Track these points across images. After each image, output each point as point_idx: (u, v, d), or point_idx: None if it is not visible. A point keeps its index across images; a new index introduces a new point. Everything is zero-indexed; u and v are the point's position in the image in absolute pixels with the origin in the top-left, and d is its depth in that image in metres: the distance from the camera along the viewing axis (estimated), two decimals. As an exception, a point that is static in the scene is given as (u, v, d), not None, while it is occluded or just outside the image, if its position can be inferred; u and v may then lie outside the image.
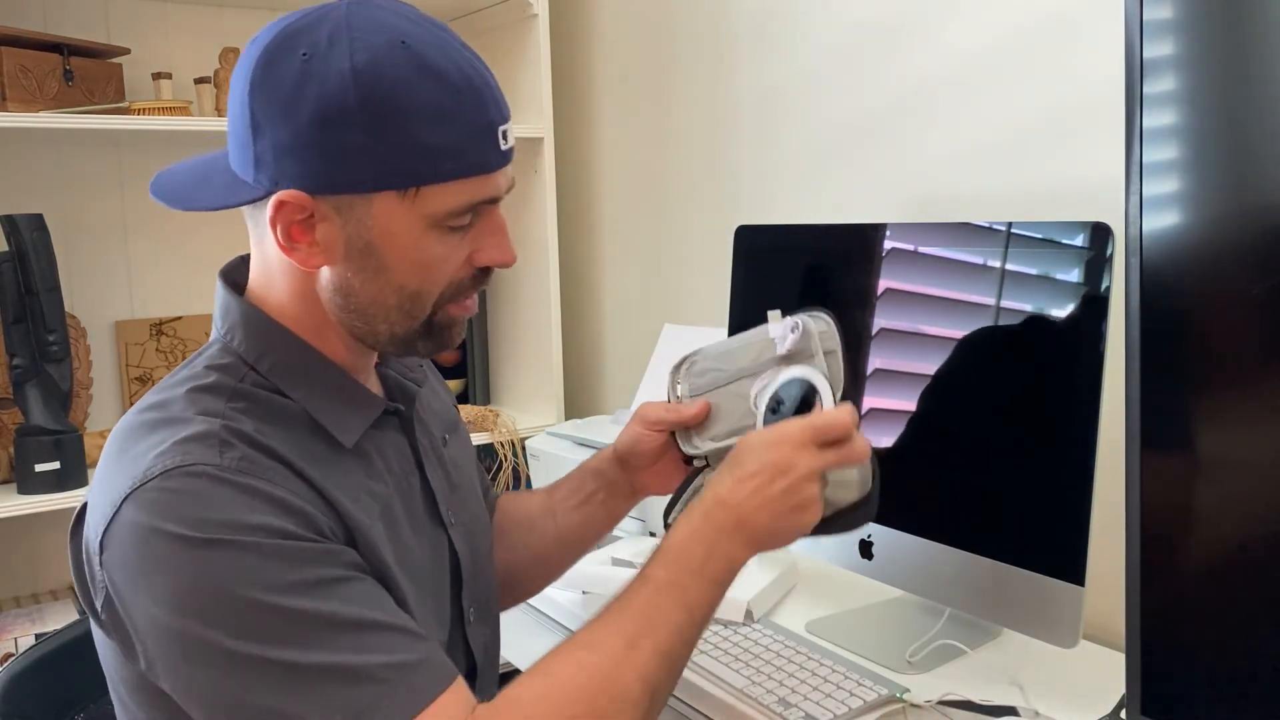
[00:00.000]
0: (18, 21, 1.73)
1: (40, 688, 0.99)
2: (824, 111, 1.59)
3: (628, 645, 0.80)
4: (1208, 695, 0.78)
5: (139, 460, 0.77)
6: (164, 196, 0.88)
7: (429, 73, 0.78)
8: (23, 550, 1.88)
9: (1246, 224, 0.73)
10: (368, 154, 0.78)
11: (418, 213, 0.81)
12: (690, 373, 1.06)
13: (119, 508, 0.76)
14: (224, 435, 0.79)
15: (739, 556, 0.86)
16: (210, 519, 0.74)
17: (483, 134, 0.81)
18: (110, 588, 0.77)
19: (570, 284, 2.14)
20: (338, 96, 0.77)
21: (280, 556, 0.74)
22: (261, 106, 0.79)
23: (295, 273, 0.85)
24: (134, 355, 1.96)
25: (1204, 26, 0.74)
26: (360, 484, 0.86)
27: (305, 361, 0.86)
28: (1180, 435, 0.78)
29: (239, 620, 0.73)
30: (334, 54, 0.78)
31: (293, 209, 0.80)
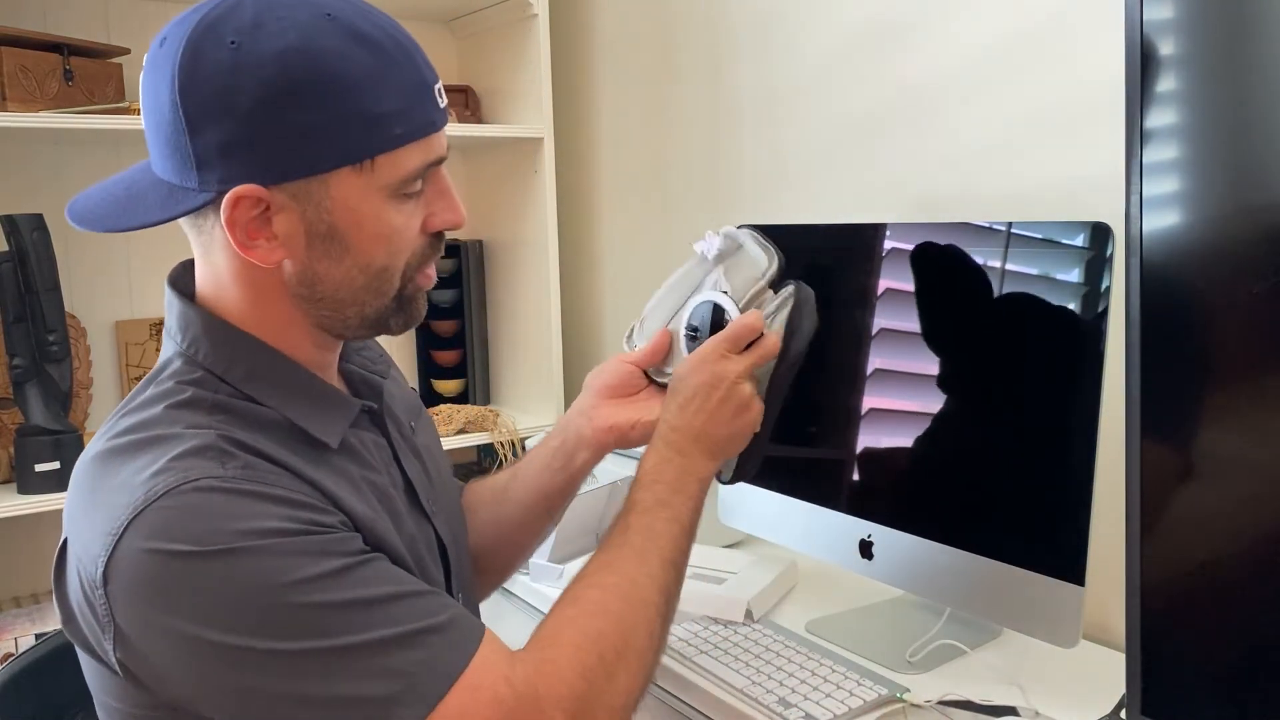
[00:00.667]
0: (18, 21, 1.73)
1: (40, 688, 0.99)
2: (824, 111, 1.59)
3: (638, 559, 0.87)
4: (1208, 695, 0.78)
5: (132, 484, 0.74)
6: (87, 221, 0.83)
7: (361, 41, 0.77)
8: (23, 550, 1.88)
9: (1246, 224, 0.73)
10: (318, 133, 0.76)
11: (375, 184, 0.80)
12: (641, 329, 1.11)
13: (121, 536, 0.72)
14: (221, 445, 0.77)
15: (706, 468, 0.95)
16: (224, 529, 0.72)
17: (422, 94, 0.81)
18: (122, 623, 0.74)
19: (570, 284, 2.14)
20: (277, 78, 0.74)
21: (299, 552, 0.74)
22: (195, 104, 0.76)
23: (250, 275, 0.82)
24: (134, 355, 1.96)
25: (1204, 26, 0.74)
26: (358, 476, 0.86)
27: (274, 368, 0.84)
28: (1180, 435, 0.78)
29: (275, 621, 0.72)
30: (263, 36, 0.75)
31: (249, 204, 0.77)
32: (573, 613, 0.83)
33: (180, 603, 0.72)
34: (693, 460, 0.94)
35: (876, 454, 1.23)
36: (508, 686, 0.76)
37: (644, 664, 0.84)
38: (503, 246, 2.15)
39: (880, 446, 1.23)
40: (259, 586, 0.72)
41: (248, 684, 0.73)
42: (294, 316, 0.85)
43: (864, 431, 1.24)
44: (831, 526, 1.26)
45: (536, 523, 1.11)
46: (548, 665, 0.79)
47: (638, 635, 0.84)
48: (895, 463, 1.21)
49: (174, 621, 0.72)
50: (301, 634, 0.73)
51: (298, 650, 0.72)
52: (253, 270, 0.82)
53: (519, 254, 2.09)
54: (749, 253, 1.06)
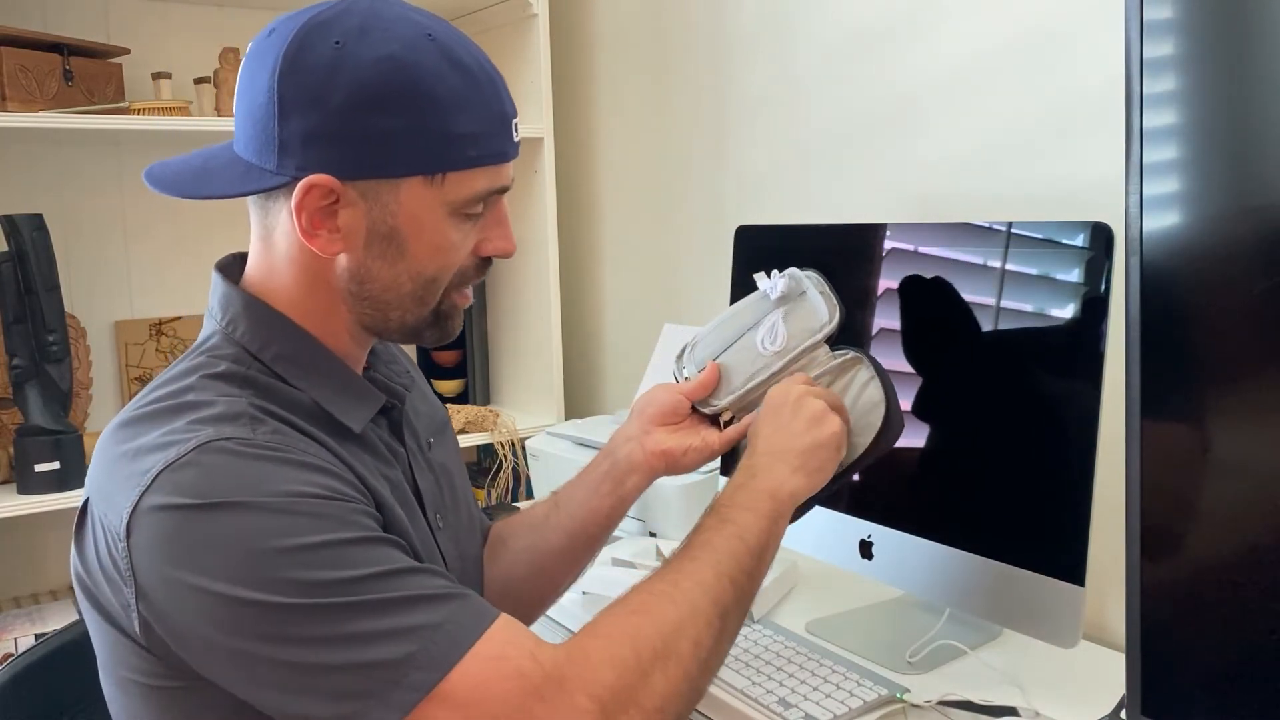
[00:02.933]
0: (18, 21, 1.73)
1: (40, 688, 0.99)
2: (824, 111, 1.59)
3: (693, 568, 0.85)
4: (1208, 695, 0.78)
5: (161, 442, 0.76)
6: (162, 185, 0.87)
7: (454, 64, 0.82)
8: (23, 550, 1.88)
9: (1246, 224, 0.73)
10: (399, 139, 0.80)
11: (442, 198, 0.83)
12: (692, 355, 1.11)
13: (146, 490, 0.74)
14: (253, 412, 0.79)
15: (787, 483, 0.93)
16: (246, 487, 0.74)
17: (500, 124, 0.85)
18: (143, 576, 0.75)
19: (570, 284, 2.14)
20: (372, 83, 0.79)
21: (320, 515, 0.75)
22: (290, 92, 0.80)
23: (305, 262, 0.86)
24: (134, 355, 1.96)
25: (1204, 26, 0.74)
26: (374, 467, 0.88)
27: (308, 352, 0.87)
28: (1180, 435, 0.78)
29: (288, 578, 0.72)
30: (367, 42, 0.80)
31: (320, 194, 0.81)
32: (614, 610, 0.82)
33: (198, 556, 0.73)
34: (769, 478, 0.92)
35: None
36: (533, 662, 0.75)
37: (685, 672, 0.80)
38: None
39: (880, 446, 1.23)
40: (275, 544, 0.73)
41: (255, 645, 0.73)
42: (338, 309, 0.88)
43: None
44: (831, 526, 1.26)
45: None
46: (577, 652, 0.78)
47: (681, 640, 0.80)
48: (895, 463, 1.21)
49: (190, 575, 0.73)
50: (314, 591, 0.72)
51: (309, 606, 0.72)
52: (309, 258, 0.85)
53: (519, 254, 2.08)
54: (810, 301, 1.06)
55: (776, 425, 0.95)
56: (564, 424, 1.87)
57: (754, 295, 1.10)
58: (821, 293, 1.05)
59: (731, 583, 0.85)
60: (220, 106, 1.89)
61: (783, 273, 1.07)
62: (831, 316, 1.04)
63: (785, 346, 1.06)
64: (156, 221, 1.98)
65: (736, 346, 1.08)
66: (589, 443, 1.68)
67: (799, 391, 0.97)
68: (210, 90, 1.89)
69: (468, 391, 2.20)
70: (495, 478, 2.02)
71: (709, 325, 1.12)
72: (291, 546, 0.73)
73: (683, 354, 1.12)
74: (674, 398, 1.08)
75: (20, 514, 1.59)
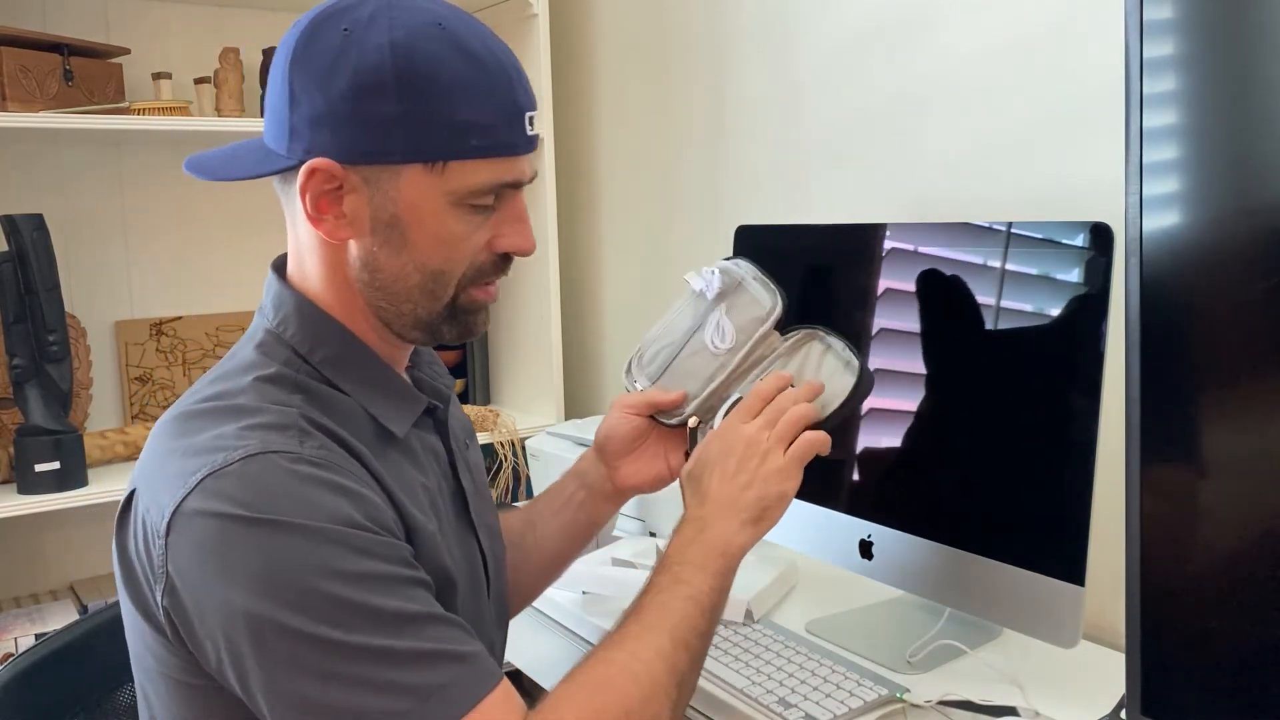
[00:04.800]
0: (18, 21, 1.73)
1: (40, 688, 0.99)
2: (824, 111, 1.59)
3: (647, 636, 0.84)
4: (1208, 695, 0.78)
5: (210, 445, 0.77)
6: (194, 168, 0.90)
7: (463, 52, 0.81)
8: (23, 550, 1.88)
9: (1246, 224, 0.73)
10: (400, 125, 0.80)
11: (443, 188, 0.83)
12: (641, 364, 1.10)
13: (190, 492, 0.75)
14: (302, 425, 0.80)
15: (737, 538, 0.91)
16: (286, 503, 0.74)
17: (510, 116, 0.84)
18: (175, 575, 0.76)
19: (570, 284, 2.14)
20: (374, 68, 0.79)
21: (351, 546, 0.75)
22: (300, 78, 0.82)
23: (324, 251, 0.87)
24: (134, 355, 1.96)
25: (1204, 26, 0.74)
26: (412, 478, 0.88)
27: (354, 355, 0.88)
28: (1180, 435, 0.78)
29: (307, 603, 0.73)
30: (374, 28, 0.80)
31: (323, 177, 0.82)
32: (575, 688, 0.81)
33: (230, 566, 0.73)
34: (718, 532, 0.91)
35: (876, 454, 1.23)
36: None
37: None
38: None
39: (880, 446, 1.23)
40: (302, 564, 0.73)
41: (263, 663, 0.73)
42: (359, 303, 0.88)
43: (864, 431, 1.24)
44: (831, 526, 1.26)
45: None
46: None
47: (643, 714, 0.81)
48: (895, 463, 1.21)
49: (219, 583, 0.74)
50: (329, 622, 0.73)
51: (323, 639, 0.73)
52: (323, 246, 0.87)
53: (519, 254, 2.09)
54: (750, 291, 1.05)
55: (724, 474, 0.93)
56: (564, 424, 1.87)
57: (688, 295, 1.10)
58: (758, 280, 1.04)
59: (686, 649, 0.85)
60: (220, 106, 1.89)
61: (714, 268, 1.06)
62: (775, 302, 1.04)
63: (737, 342, 1.05)
64: (156, 221, 1.98)
65: (687, 350, 1.08)
66: (589, 443, 1.68)
67: (745, 435, 0.94)
68: (210, 90, 1.89)
69: (468, 391, 2.20)
70: (495, 478, 2.02)
71: (651, 332, 1.12)
72: (323, 574, 0.73)
73: (631, 365, 1.12)
74: (631, 424, 1.09)
75: (20, 514, 1.59)
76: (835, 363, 1.01)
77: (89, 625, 1.02)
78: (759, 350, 1.05)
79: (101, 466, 1.75)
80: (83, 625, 1.03)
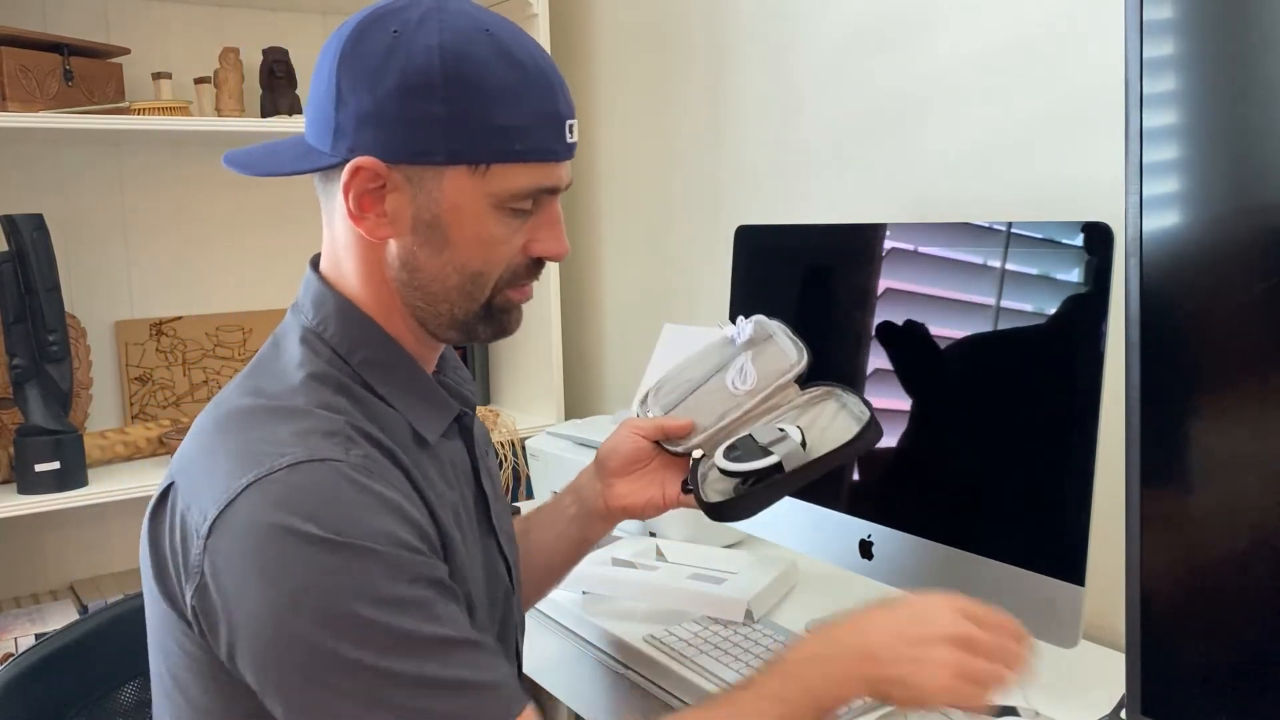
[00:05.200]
0: (18, 21, 1.73)
1: (40, 688, 0.99)
2: (824, 111, 1.59)
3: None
4: (1208, 695, 0.78)
5: (259, 450, 0.77)
6: (237, 165, 0.91)
7: (508, 59, 0.83)
8: (23, 550, 1.88)
9: (1246, 224, 0.73)
10: (446, 127, 0.81)
11: (485, 190, 0.84)
12: (658, 397, 1.12)
13: (237, 496, 0.75)
14: (349, 432, 0.80)
15: (852, 688, 0.82)
16: (337, 519, 0.74)
17: (552, 122, 0.85)
18: (210, 576, 0.76)
19: (570, 284, 2.14)
20: (422, 69, 0.80)
21: (392, 566, 0.75)
22: (347, 77, 0.82)
23: (362, 250, 0.87)
24: (134, 355, 1.96)
25: (1204, 26, 0.74)
26: (441, 488, 0.88)
27: (392, 358, 0.88)
28: (1180, 435, 0.78)
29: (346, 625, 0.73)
30: (423, 31, 0.82)
31: (367, 175, 0.82)
32: None
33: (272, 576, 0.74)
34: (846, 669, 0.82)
35: (876, 454, 1.23)
36: None
37: None
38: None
39: (880, 446, 1.23)
40: (340, 582, 0.74)
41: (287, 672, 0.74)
42: (395, 303, 0.88)
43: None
44: (831, 526, 1.26)
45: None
46: None
47: None
48: (895, 463, 1.21)
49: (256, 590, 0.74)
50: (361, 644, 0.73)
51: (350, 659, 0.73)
52: (363, 245, 0.87)
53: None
54: (778, 345, 1.07)
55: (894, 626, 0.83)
56: (564, 424, 1.87)
57: (717, 341, 1.12)
58: (789, 336, 1.07)
59: None
60: (220, 106, 1.89)
61: (751, 319, 1.09)
62: (800, 357, 1.06)
63: (756, 386, 1.08)
64: (156, 221, 1.98)
65: (706, 389, 1.09)
66: (589, 443, 1.68)
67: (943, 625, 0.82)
68: (210, 90, 1.89)
69: (468, 391, 2.21)
70: (495, 478, 2.03)
71: (672, 369, 1.14)
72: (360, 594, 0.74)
73: (647, 397, 1.13)
74: (637, 445, 1.10)
75: (20, 514, 1.59)
76: (848, 420, 1.04)
77: (89, 625, 1.03)
78: (776, 398, 1.07)
79: (101, 466, 1.75)
80: (83, 625, 1.03)
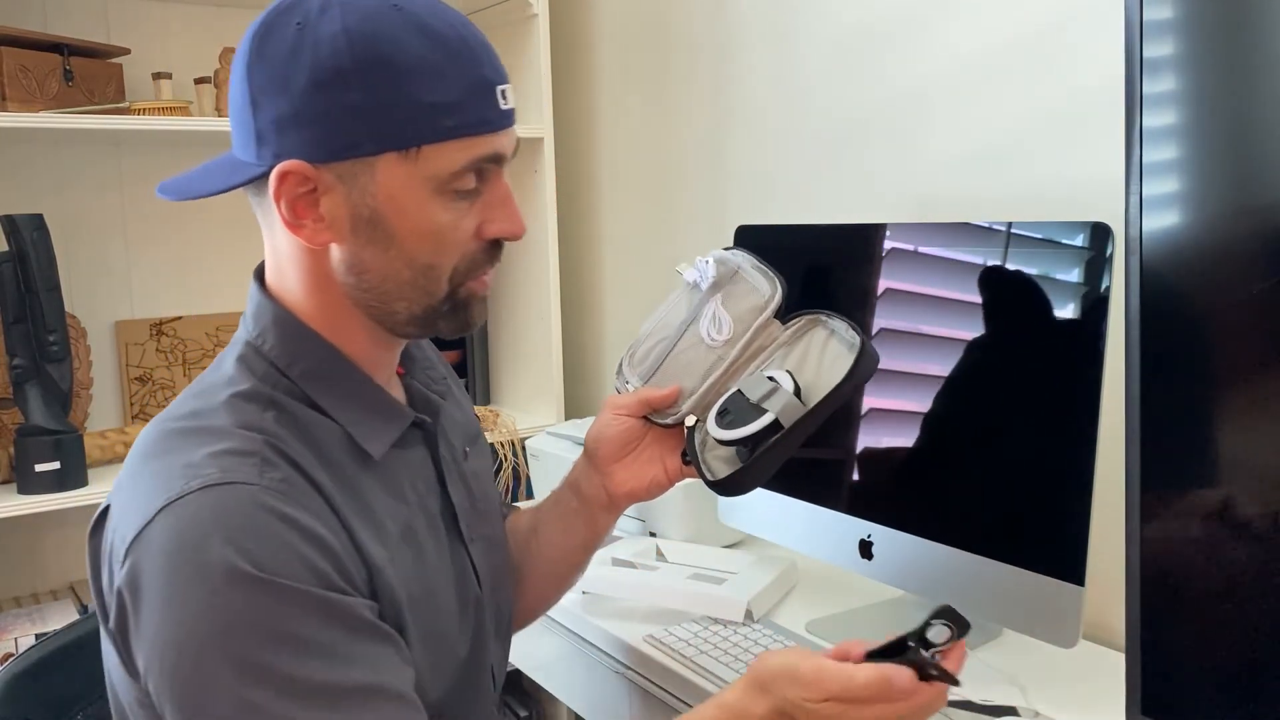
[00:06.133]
0: (18, 21, 1.73)
1: (40, 688, 0.99)
2: (824, 111, 1.59)
3: None
4: (1208, 695, 0.78)
5: (175, 471, 0.75)
6: (169, 192, 0.87)
7: (422, 31, 0.78)
8: (23, 550, 1.88)
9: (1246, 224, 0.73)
10: (366, 115, 0.77)
11: (421, 174, 0.79)
12: (632, 363, 1.04)
13: (151, 520, 0.73)
14: (266, 454, 0.77)
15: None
16: (243, 548, 0.71)
17: (481, 92, 0.80)
18: (126, 600, 0.74)
19: (570, 284, 2.14)
20: (332, 59, 0.76)
21: (301, 604, 0.72)
22: (258, 82, 0.78)
23: (305, 259, 0.83)
24: (134, 355, 1.96)
25: (1204, 26, 0.74)
26: (383, 505, 0.84)
27: (335, 369, 0.85)
28: (1180, 435, 0.78)
29: (241, 662, 0.71)
30: (326, 19, 0.77)
31: (296, 180, 0.78)
32: None
33: (176, 602, 0.72)
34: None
35: (876, 454, 1.23)
36: None
37: None
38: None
39: (880, 446, 1.23)
40: (243, 619, 0.71)
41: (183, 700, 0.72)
42: (346, 307, 0.84)
43: (864, 431, 1.24)
44: (831, 526, 1.26)
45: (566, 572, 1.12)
46: None
47: None
48: (895, 463, 1.21)
49: (161, 616, 0.72)
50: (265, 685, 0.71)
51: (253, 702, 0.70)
52: (305, 254, 0.83)
53: (519, 254, 2.09)
54: (748, 279, 0.98)
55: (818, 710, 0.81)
56: (564, 424, 1.87)
57: (681, 288, 1.02)
58: (756, 268, 0.97)
59: None
60: (220, 106, 1.89)
61: (708, 257, 1.00)
62: (774, 290, 0.97)
63: (735, 333, 0.99)
64: (157, 221, 1.97)
65: (681, 345, 1.01)
66: (589, 443, 1.68)
67: None
68: (210, 90, 1.89)
69: (468, 391, 2.20)
70: (495, 478, 2.02)
71: (643, 329, 1.06)
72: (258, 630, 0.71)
73: (622, 365, 1.06)
74: (624, 427, 1.04)
75: (20, 514, 1.59)
76: (839, 347, 0.96)
77: (89, 625, 1.03)
78: (759, 340, 1.00)
79: (101, 466, 1.75)
80: (83, 625, 1.03)
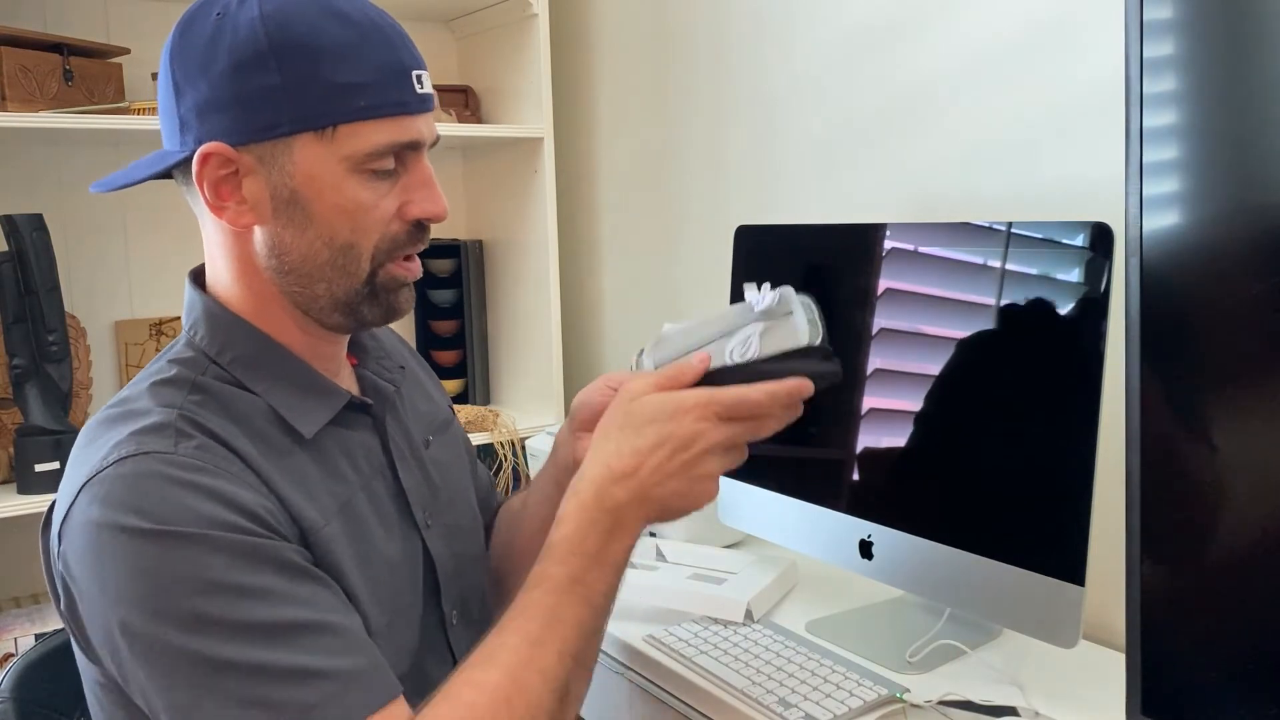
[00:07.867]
0: (18, 21, 1.73)
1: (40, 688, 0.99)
2: (824, 111, 1.59)
3: (530, 652, 0.76)
4: (1208, 695, 0.78)
5: (97, 453, 0.78)
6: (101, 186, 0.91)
7: (338, 17, 0.81)
8: (23, 550, 1.88)
9: (1246, 224, 0.73)
10: (282, 95, 0.80)
11: (338, 154, 0.82)
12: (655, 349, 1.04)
13: (75, 499, 0.76)
14: (180, 425, 0.79)
15: (636, 533, 0.82)
16: (160, 510, 0.73)
17: (394, 75, 0.83)
18: (68, 582, 0.77)
19: (570, 284, 2.14)
20: (249, 43, 0.80)
21: (222, 550, 0.74)
22: (180, 69, 0.82)
23: (231, 245, 0.86)
24: (134, 355, 1.96)
25: (1204, 26, 0.74)
26: (317, 480, 0.85)
27: (266, 353, 0.87)
28: (1180, 435, 0.78)
29: (176, 615, 0.72)
30: (244, 8, 0.81)
31: (217, 161, 0.82)
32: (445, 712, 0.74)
33: (106, 573, 0.74)
34: (625, 526, 0.81)
35: (876, 454, 1.23)
36: None
37: None
38: (503, 246, 2.15)
39: (880, 446, 1.23)
40: (169, 573, 0.73)
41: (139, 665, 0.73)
42: (272, 293, 0.87)
43: (864, 431, 1.24)
44: (831, 526, 1.26)
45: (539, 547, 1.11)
46: None
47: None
48: (895, 463, 1.21)
49: (97, 589, 0.75)
50: (198, 634, 0.72)
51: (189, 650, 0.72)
52: (231, 240, 0.86)
53: (519, 254, 2.09)
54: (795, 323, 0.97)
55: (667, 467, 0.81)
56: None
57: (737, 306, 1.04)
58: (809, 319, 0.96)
59: (576, 660, 0.78)
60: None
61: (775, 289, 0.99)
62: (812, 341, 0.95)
63: None
64: (156, 221, 1.97)
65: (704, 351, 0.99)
66: (589, 443, 1.68)
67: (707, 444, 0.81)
68: (210, 90, 1.90)
69: (468, 391, 2.20)
70: (495, 478, 2.03)
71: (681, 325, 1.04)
72: (189, 583, 0.72)
73: (644, 350, 1.07)
74: (607, 396, 1.03)
75: (20, 514, 1.59)
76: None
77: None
78: None
79: (101, 466, 1.75)
80: (83, 625, 1.03)
